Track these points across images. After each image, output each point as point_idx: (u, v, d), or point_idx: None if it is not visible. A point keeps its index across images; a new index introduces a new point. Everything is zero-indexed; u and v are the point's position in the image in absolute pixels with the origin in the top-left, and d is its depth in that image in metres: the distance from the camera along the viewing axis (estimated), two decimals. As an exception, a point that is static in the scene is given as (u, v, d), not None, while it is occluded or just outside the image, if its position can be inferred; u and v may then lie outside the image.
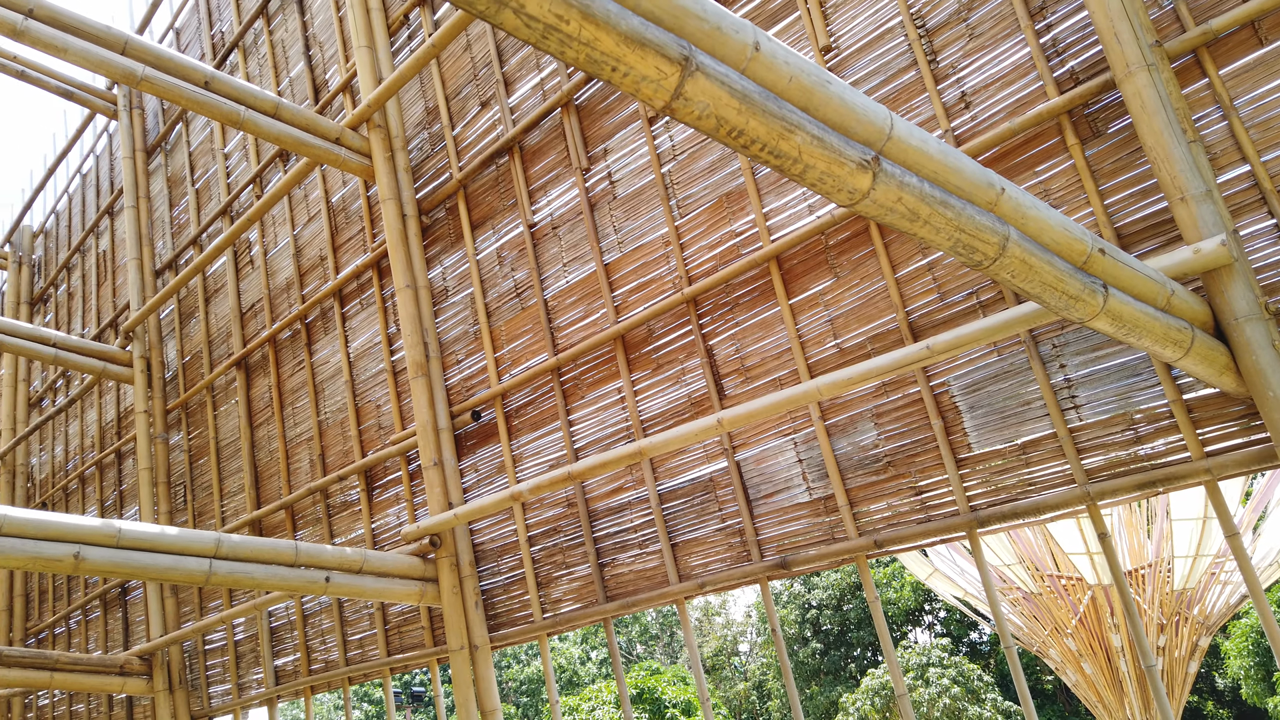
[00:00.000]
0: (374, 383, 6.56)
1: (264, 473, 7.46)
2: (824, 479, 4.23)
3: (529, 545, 5.45)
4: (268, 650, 7.15)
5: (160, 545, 4.75)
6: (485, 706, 5.31)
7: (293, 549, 5.17)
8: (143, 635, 8.60)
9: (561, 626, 5.21)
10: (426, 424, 5.76)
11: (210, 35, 8.65)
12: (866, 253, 4.15)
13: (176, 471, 8.42)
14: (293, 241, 7.43)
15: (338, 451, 6.82)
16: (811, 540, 4.26)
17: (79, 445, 10.12)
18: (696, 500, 4.71)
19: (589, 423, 5.22)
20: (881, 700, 21.90)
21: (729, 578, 4.48)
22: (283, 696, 7.07)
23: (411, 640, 6.10)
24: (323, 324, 7.10)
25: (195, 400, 8.33)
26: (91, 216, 10.52)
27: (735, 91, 1.73)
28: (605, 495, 5.13)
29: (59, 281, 11.11)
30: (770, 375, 4.43)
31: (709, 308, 4.70)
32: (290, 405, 7.31)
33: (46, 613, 10.18)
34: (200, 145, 8.70)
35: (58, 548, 4.49)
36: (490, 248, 5.85)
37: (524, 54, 5.74)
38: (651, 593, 4.77)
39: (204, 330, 8.26)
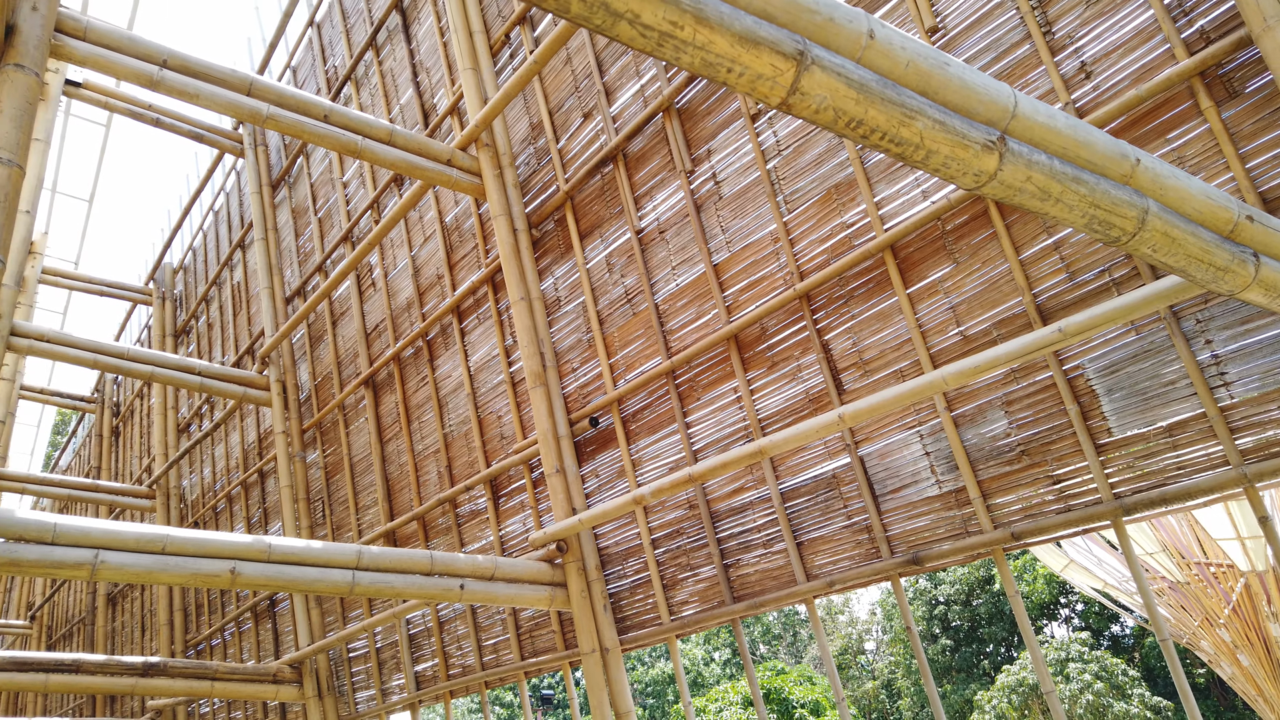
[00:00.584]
0: (494, 394, 6.74)
1: (395, 485, 7.76)
2: (954, 471, 4.12)
3: (653, 548, 5.49)
4: (408, 656, 7.43)
5: (307, 559, 5.01)
6: (619, 708, 5.37)
7: (428, 558, 5.36)
8: (291, 645, 9.07)
9: (689, 628, 5.23)
10: (547, 432, 5.88)
11: (325, 70, 9.08)
12: (986, 235, 4.02)
13: (314, 488, 8.84)
14: (411, 262, 7.71)
15: (463, 462, 7.03)
16: (943, 535, 4.15)
17: (225, 466, 10.75)
18: (820, 498, 4.65)
19: (706, 424, 5.22)
20: (1019, 698, 21.08)
21: (858, 575, 4.40)
22: (424, 701, 7.33)
23: (543, 644, 6.23)
24: (443, 340, 7.34)
25: (328, 419, 8.73)
26: (225, 250, 11.17)
27: (852, 82, 1.71)
28: (726, 496, 5.12)
29: (199, 313, 11.84)
30: (891, 367, 4.34)
31: (823, 302, 4.64)
32: (417, 420, 7.58)
33: (204, 625, 10.85)
34: (320, 176, 9.13)
35: (216, 564, 4.78)
36: (599, 256, 5.94)
37: (623, 63, 5.80)
38: (779, 592, 4.74)
39: (333, 352, 8.66)
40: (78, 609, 15.44)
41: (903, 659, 30.66)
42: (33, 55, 4.78)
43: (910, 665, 30.42)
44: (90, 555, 4.47)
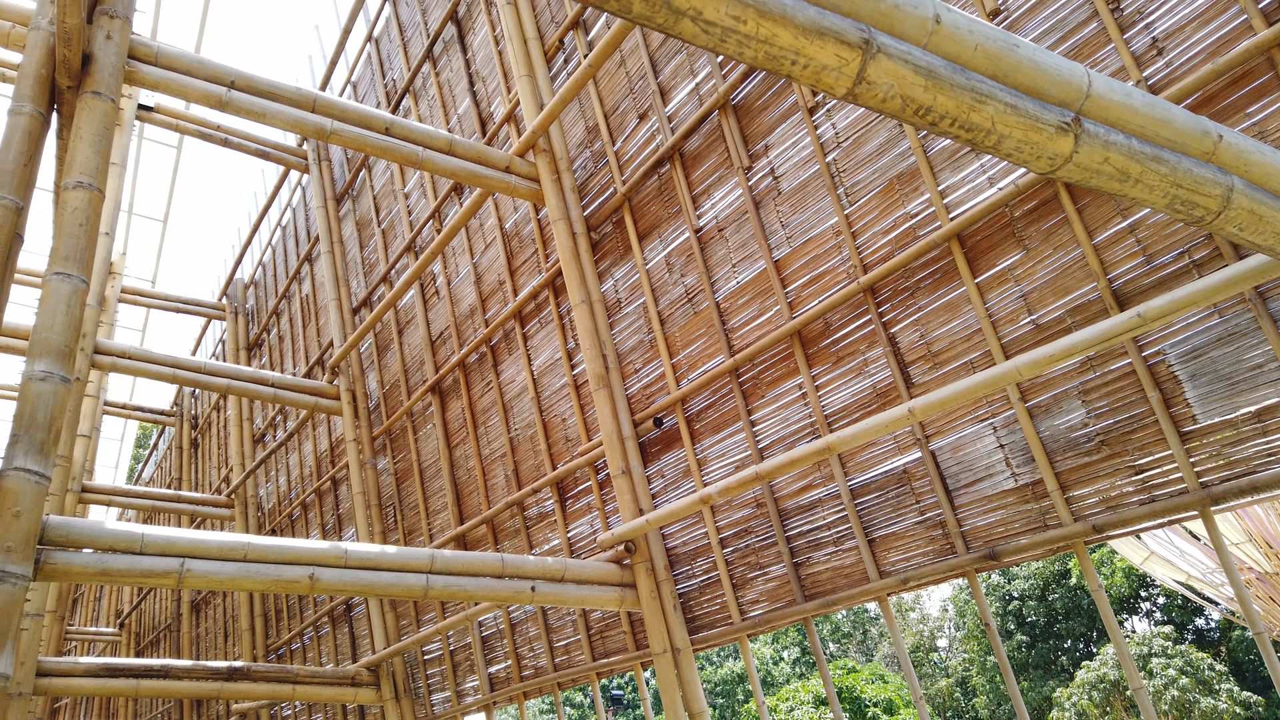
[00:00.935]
0: (558, 397, 6.79)
1: (464, 490, 7.88)
2: (1030, 463, 4.02)
3: (721, 547, 5.48)
4: (481, 658, 7.52)
5: (382, 563, 5.11)
6: (692, 709, 5.36)
7: (499, 561, 5.42)
8: (367, 648, 9.26)
9: (761, 628, 5.20)
10: (611, 434, 5.90)
11: (384, 84, 9.26)
12: (1057, 220, 3.91)
13: (386, 494, 9.02)
14: (473, 269, 7.81)
15: (530, 465, 7.10)
16: (1021, 529, 4.05)
17: (299, 475, 11.03)
18: (891, 493, 4.58)
19: (771, 421, 5.18)
20: (1100, 694, 20.49)
21: (933, 572, 4.32)
22: (498, 702, 7.42)
23: (614, 645, 6.25)
24: (506, 345, 7.43)
25: (397, 426, 8.90)
26: (293, 264, 11.47)
27: (920, 68, 1.68)
28: (794, 494, 5.08)
29: (270, 326, 12.17)
30: (960, 359, 4.26)
31: (888, 294, 4.57)
32: (483, 424, 7.68)
33: (284, 630, 11.15)
34: (383, 188, 9.31)
35: (295, 570, 4.91)
36: (658, 256, 5.94)
37: (677, 62, 5.80)
38: (851, 590, 4.68)
39: (400, 360, 8.82)
40: (163, 616, 15.99)
41: (977, 656, 30.05)
42: (108, 82, 4.97)
43: (985, 662, 29.77)
44: (177, 564, 4.63)
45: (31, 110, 4.77)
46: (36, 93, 4.85)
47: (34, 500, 4.22)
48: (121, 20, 5.14)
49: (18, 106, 4.77)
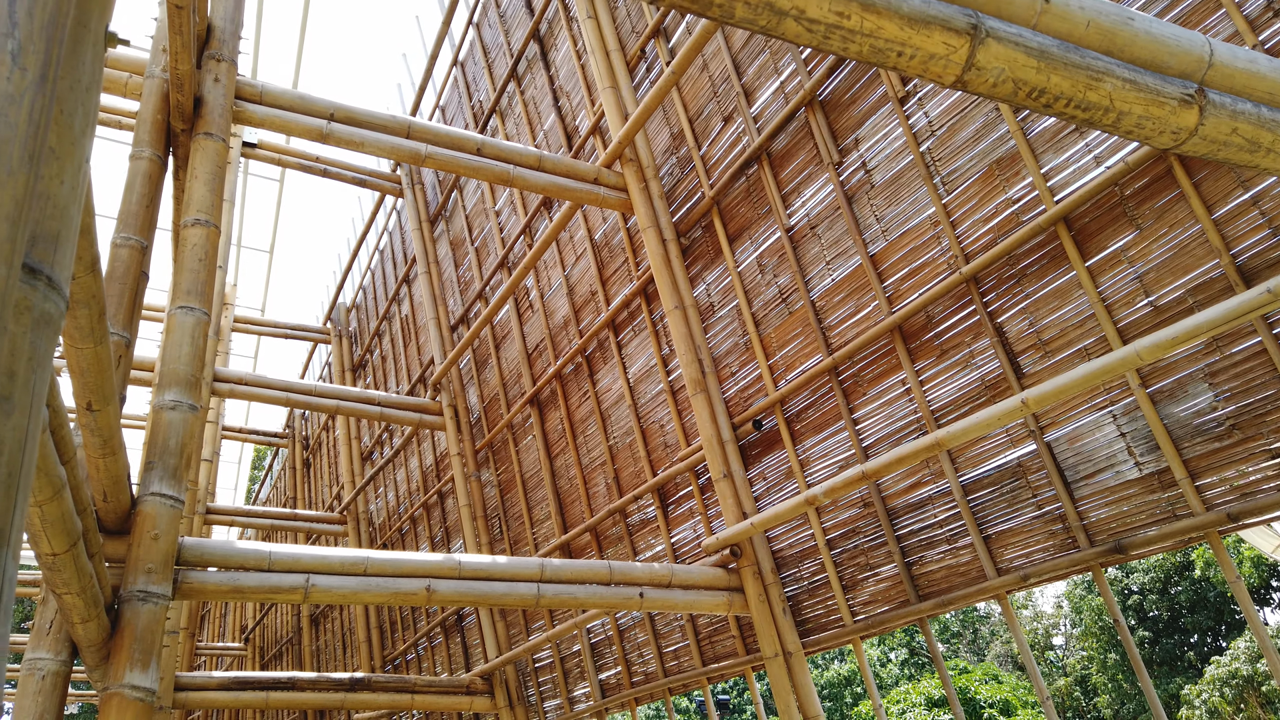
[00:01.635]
0: (655, 404, 6.82)
1: (566, 499, 7.98)
2: (1154, 451, 3.84)
3: (829, 549, 5.40)
4: (591, 666, 7.60)
5: (494, 574, 5.22)
6: (808, 712, 5.30)
7: (606, 569, 5.47)
8: (479, 657, 9.46)
9: (874, 629, 5.11)
10: (711, 438, 5.90)
11: (471, 106, 9.48)
12: (1172, 197, 3.74)
13: (490, 505, 9.20)
14: (565, 281, 7.92)
15: (630, 473, 7.15)
16: (1148, 520, 3.88)
17: (406, 490, 11.36)
18: (1006, 488, 4.44)
19: (875, 419, 5.09)
20: (1233, 690, 19.39)
21: (1055, 568, 4.17)
22: (609, 709, 7.48)
23: (724, 649, 6.23)
24: (601, 354, 7.50)
25: (499, 439, 9.08)
26: (392, 286, 11.84)
27: (1031, 50, 1.64)
28: (903, 492, 4.98)
29: (372, 347, 12.59)
30: (1074, 347, 4.11)
31: (992, 284, 4.44)
32: (582, 434, 7.77)
33: (399, 641, 11.48)
34: (474, 207, 9.53)
35: (412, 583, 5.05)
36: (750, 258, 5.91)
37: (761, 62, 5.77)
38: (968, 589, 4.55)
39: (498, 374, 9.00)
40: (285, 630, 16.67)
41: (1097, 653, 28.80)
42: (219, 123, 5.23)
43: (1106, 660, 28.50)
44: (302, 580, 4.82)
45: (150, 154, 5.06)
46: (154, 137, 5.14)
47: (170, 523, 4.47)
48: (227, 63, 5.40)
49: (138, 151, 5.07)
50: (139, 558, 4.29)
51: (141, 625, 4.17)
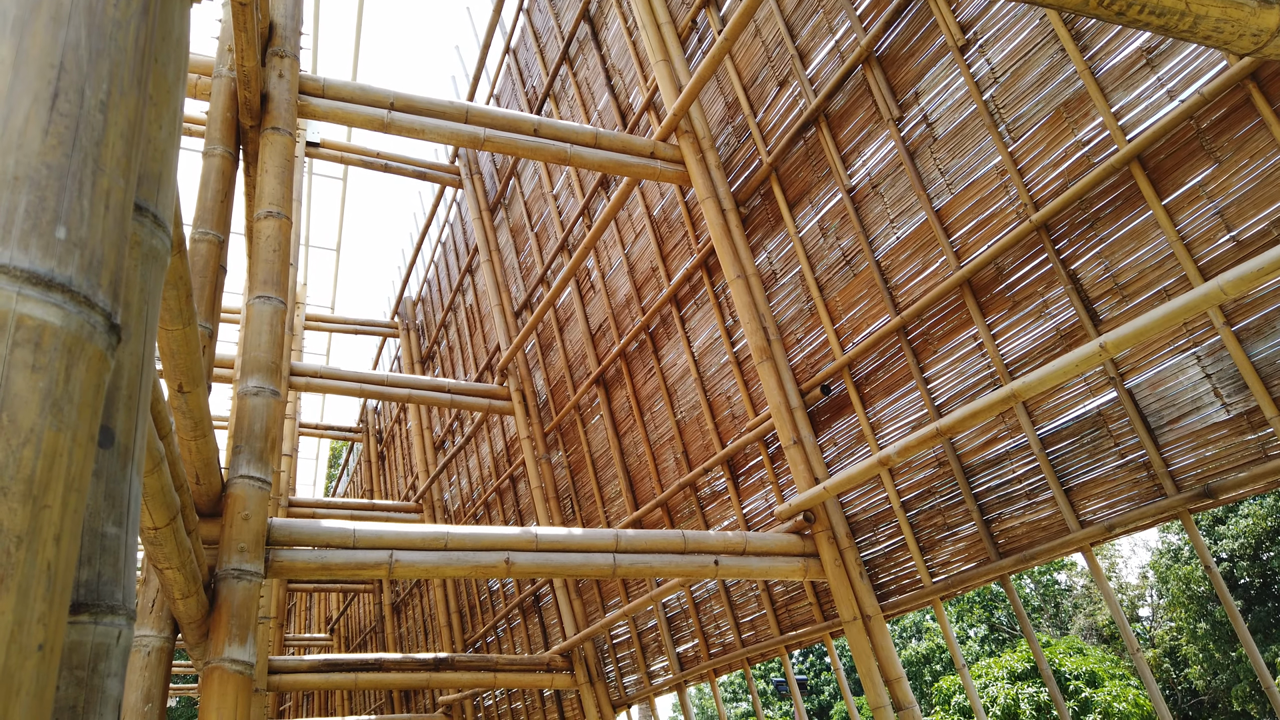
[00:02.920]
0: (721, 375, 6.82)
1: (636, 476, 8.04)
2: (1242, 391, 3.72)
3: (904, 510, 5.35)
4: (668, 639, 7.66)
5: (570, 545, 5.30)
6: (889, 675, 5.27)
7: (681, 538, 5.51)
8: (558, 636, 9.60)
9: (954, 589, 5.05)
10: (779, 405, 5.88)
11: (525, 92, 9.57)
12: (1253, 126, 3.60)
13: (561, 486, 9.32)
14: (625, 260, 7.96)
15: (699, 446, 7.17)
16: (1238, 462, 3.76)
17: (479, 476, 11.56)
18: (1086, 439, 4.34)
19: (946, 377, 5.02)
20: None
21: (1141, 516, 4.07)
22: (688, 681, 7.53)
23: (801, 617, 6.22)
24: (664, 330, 7.52)
25: (566, 420, 9.18)
26: (455, 277, 12.03)
27: (1100, -45, 1.60)
28: (979, 449, 4.90)
29: (439, 339, 12.82)
30: (1153, 289, 3.99)
31: (1063, 230, 4.34)
32: (649, 410, 7.81)
33: (478, 625, 11.71)
34: (532, 193, 9.62)
35: (491, 555, 5.16)
36: (811, 222, 5.87)
37: (814, 23, 5.71)
38: (1051, 543, 4.47)
39: (563, 356, 9.09)
40: (368, 620, 17.13)
41: (1186, 623, 27.93)
42: (285, 117, 5.38)
43: (1196, 630, 27.61)
44: (386, 556, 4.96)
45: (223, 151, 5.23)
46: (225, 134, 5.31)
47: (259, 505, 4.64)
48: (291, 59, 5.55)
49: (210, 149, 5.24)
50: (231, 538, 4.46)
51: (237, 602, 4.34)
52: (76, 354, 0.77)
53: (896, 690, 5.24)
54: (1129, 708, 17.23)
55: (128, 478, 1.07)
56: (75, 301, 0.78)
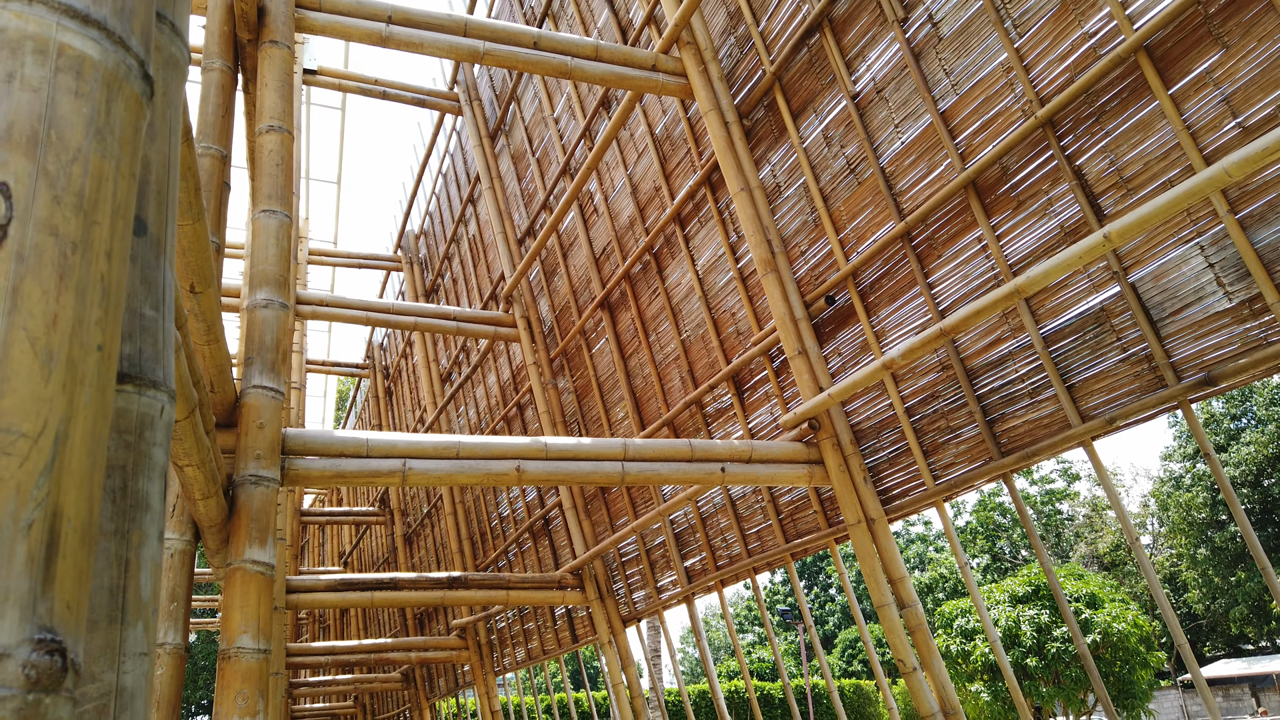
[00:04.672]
0: (725, 292, 6.85)
1: (642, 397, 8.12)
2: (1245, 279, 3.74)
3: (908, 416, 5.42)
4: (676, 554, 7.82)
5: (579, 453, 5.39)
6: (893, 575, 5.40)
7: (688, 446, 5.60)
8: (568, 558, 9.79)
9: (957, 489, 5.14)
10: (784, 316, 5.92)
11: (523, 12, 9.42)
12: (1260, 8, 3.57)
13: (569, 411, 9.42)
14: (628, 181, 7.93)
15: (704, 364, 7.23)
16: (1238, 350, 3.80)
17: (486, 406, 11.68)
18: (1089, 335, 4.38)
19: (950, 281, 5.05)
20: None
21: (1142, 407, 4.13)
22: (696, 593, 7.71)
23: (806, 525, 6.35)
24: (668, 250, 7.53)
25: (572, 345, 9.24)
26: (457, 208, 11.99)
27: None
28: (982, 351, 4.95)
29: (443, 271, 12.82)
30: (1157, 180, 3.99)
31: (1069, 125, 4.32)
32: (654, 332, 7.86)
33: (490, 550, 11.94)
34: (533, 118, 9.54)
35: (503, 464, 5.25)
36: (815, 132, 5.83)
37: (816, -76, 5.60)
38: (1053, 439, 4.54)
39: (567, 282, 9.11)
40: (380, 552, 17.45)
41: (1186, 550, 28.35)
42: (283, 30, 5.33)
43: (1196, 556, 28.06)
44: (399, 464, 5.05)
45: (221, 65, 5.19)
46: (223, 49, 5.26)
47: (273, 414, 4.71)
48: (286, -30, 5.47)
49: (209, 63, 5.20)
50: (247, 446, 4.55)
51: (256, 507, 4.45)
52: (115, 90, 0.81)
53: (900, 590, 5.38)
54: (1128, 628, 17.58)
55: (161, 267, 1.11)
56: (111, 40, 0.81)
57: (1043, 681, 18.71)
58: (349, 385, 25.74)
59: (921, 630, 5.28)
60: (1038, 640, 18.38)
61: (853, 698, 31.11)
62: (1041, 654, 18.34)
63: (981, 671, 19.29)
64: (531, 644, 10.77)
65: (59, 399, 0.70)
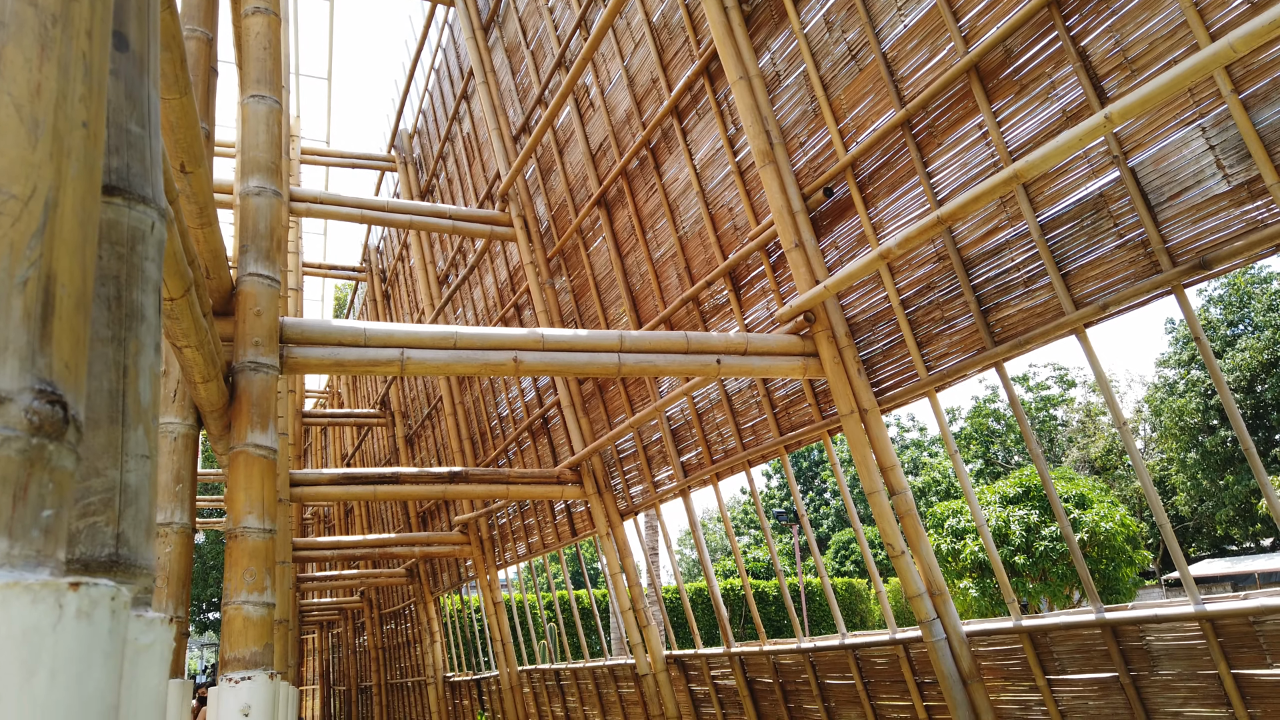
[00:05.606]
0: (723, 187, 6.78)
1: (639, 296, 8.12)
2: (1245, 160, 3.71)
3: (903, 308, 5.44)
4: (673, 449, 7.95)
5: (576, 345, 5.43)
6: (884, 463, 5.51)
7: (683, 338, 5.64)
8: (566, 455, 9.95)
9: (949, 379, 5.20)
10: (781, 208, 5.88)
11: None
12: (1279, -127, 3.43)
13: (566, 311, 9.44)
14: (625, 73, 7.76)
15: (701, 261, 7.21)
16: (1234, 233, 3.79)
17: (484, 307, 11.68)
18: (1086, 222, 4.37)
19: (950, 169, 5.00)
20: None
21: (1136, 293, 4.15)
22: (692, 487, 7.87)
23: (800, 418, 6.44)
24: (666, 144, 7.42)
25: (569, 244, 9.19)
26: (451, 105, 11.76)
27: None
28: (980, 240, 4.94)
29: (438, 171, 12.65)
30: (1162, 60, 3.91)
31: (1074, 4, 4.21)
32: (651, 229, 7.81)
33: (490, 449, 12.12)
34: (526, 8, 9.27)
35: (500, 355, 5.30)
36: (816, 16, 5.68)
37: None
38: (1045, 326, 4.57)
39: (564, 180, 9.01)
40: (383, 454, 17.72)
41: (1176, 454, 28.81)
42: (266, -94, 5.13)
43: (1185, 460, 28.54)
44: (397, 354, 5.10)
45: (204, -57, 5.02)
46: (205, -74, 5.08)
47: (270, 301, 4.73)
48: None
49: (191, -58, 5.03)
50: (245, 333, 4.57)
51: (256, 393, 4.50)
52: None
53: (890, 478, 5.50)
54: (1115, 527, 18.00)
55: (145, 85, 1.11)
56: None
57: (1030, 578, 19.27)
58: (346, 292, 25.70)
59: (910, 516, 5.42)
60: (1026, 539, 18.86)
61: (845, 595, 32.10)
62: (1030, 552, 18.84)
63: (971, 569, 19.84)
64: (532, 539, 11.04)
65: (46, 166, 0.71)
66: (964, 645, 5.22)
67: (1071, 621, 4.73)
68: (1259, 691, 4.01)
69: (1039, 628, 4.87)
